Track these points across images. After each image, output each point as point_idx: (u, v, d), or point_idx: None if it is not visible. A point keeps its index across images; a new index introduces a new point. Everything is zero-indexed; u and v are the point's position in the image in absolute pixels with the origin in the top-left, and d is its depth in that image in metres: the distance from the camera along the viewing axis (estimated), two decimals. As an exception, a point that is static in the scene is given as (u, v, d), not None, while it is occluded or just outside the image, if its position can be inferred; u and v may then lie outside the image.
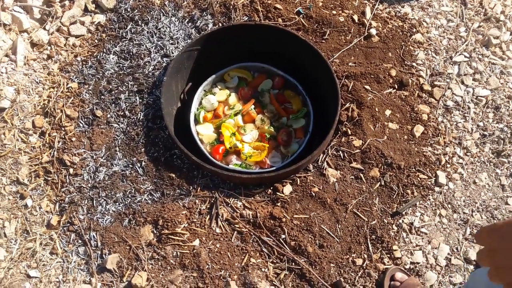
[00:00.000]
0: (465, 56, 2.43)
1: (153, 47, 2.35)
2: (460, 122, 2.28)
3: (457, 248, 2.04)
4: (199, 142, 2.26)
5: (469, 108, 2.32)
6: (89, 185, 2.08)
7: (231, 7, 2.42)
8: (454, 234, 2.07)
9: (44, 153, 2.13)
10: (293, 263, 1.95)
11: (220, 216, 2.03)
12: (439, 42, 2.46)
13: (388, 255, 2.00)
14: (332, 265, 1.96)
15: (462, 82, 2.37)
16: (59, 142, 2.15)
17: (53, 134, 2.16)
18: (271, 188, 2.11)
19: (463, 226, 2.08)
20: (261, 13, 2.43)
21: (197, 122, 2.34)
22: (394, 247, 1.99)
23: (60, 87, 2.24)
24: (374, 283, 1.96)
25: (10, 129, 2.16)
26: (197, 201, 2.06)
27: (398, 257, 1.99)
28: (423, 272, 1.98)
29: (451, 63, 2.41)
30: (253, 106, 2.38)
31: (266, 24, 2.38)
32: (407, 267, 1.99)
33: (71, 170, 2.10)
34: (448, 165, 2.19)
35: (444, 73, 2.38)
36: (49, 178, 2.10)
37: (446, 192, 2.14)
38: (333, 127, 2.10)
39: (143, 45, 2.36)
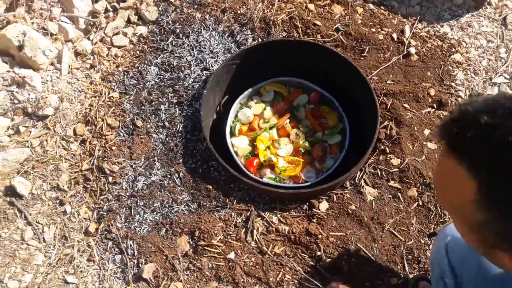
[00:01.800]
0: (505, 78, 2.41)
1: (193, 60, 2.39)
2: (499, 144, 2.25)
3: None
4: (234, 154, 2.27)
5: (508, 130, 2.29)
6: (128, 193, 2.11)
7: (271, 22, 2.45)
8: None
9: (84, 161, 2.17)
10: (327, 282, 1.93)
11: (255, 230, 2.03)
12: (479, 63, 2.45)
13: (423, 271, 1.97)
14: (367, 284, 1.94)
15: (502, 104, 2.34)
16: (99, 150, 2.19)
17: (94, 142, 2.20)
18: (307, 204, 2.10)
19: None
20: (300, 29, 2.45)
21: (232, 134, 2.35)
22: (432, 269, 1.96)
23: (102, 96, 2.29)
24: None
25: (53, 136, 2.21)
26: (233, 213, 2.07)
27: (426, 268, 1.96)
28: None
29: (491, 84, 2.40)
30: (288, 121, 2.38)
31: (305, 40, 2.39)
32: None
33: (110, 179, 2.13)
34: (487, 187, 2.15)
35: (484, 94, 2.36)
36: (88, 186, 2.13)
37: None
38: (371, 145, 2.10)
39: (183, 58, 2.39)
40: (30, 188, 2.10)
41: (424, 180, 2.11)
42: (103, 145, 2.20)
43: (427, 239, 2.04)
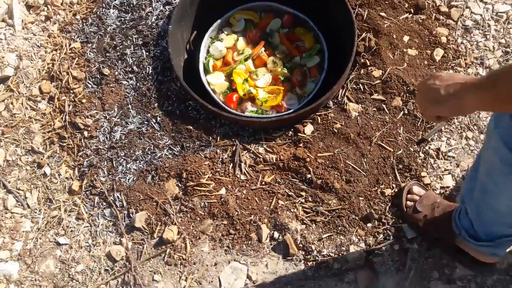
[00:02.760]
0: (480, -30, 2.30)
1: (153, -4, 2.24)
2: (480, 41, 2.18)
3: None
4: (211, 92, 2.18)
5: (489, 26, 2.21)
6: (106, 146, 2.04)
7: None
8: (483, 156, 2.01)
9: (56, 119, 2.07)
10: (322, 201, 1.91)
11: (243, 163, 1.98)
12: (452, -41, 2.32)
13: (417, 180, 1.96)
14: (361, 198, 1.93)
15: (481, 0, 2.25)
16: (69, 105, 2.09)
17: (62, 98, 2.10)
18: (292, 130, 2.05)
19: (492, 147, 2.02)
20: None
21: (206, 71, 2.25)
22: (423, 174, 1.94)
23: (63, 49, 2.16)
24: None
25: (18, 97, 2.10)
26: (218, 150, 2.01)
27: (427, 183, 1.94)
28: (453, 195, 1.94)
29: (466, -21, 2.28)
30: (263, 49, 2.27)
31: (268, -41, 2.24)
32: (437, 192, 1.94)
33: (85, 133, 2.05)
34: (472, 87, 2.10)
35: (459, -10, 2.25)
36: (64, 144, 2.05)
37: (472, 114, 2.07)
38: (351, 60, 2.02)
39: (142, -5, 2.25)
40: (3, 155, 2.02)
41: (408, 88, 2.05)
42: (73, 100, 2.09)
43: (416, 146, 2.01)
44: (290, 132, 2.04)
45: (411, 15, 2.21)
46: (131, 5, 2.23)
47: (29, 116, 2.08)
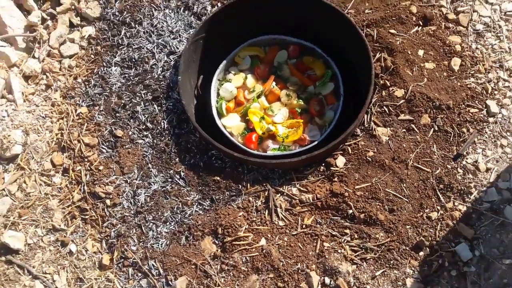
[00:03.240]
0: (481, -27, 2.25)
1: (155, 47, 2.15)
2: (495, 44, 2.13)
3: (530, 176, 1.91)
4: (229, 135, 2.09)
5: (500, 27, 2.16)
6: (132, 212, 1.92)
7: (225, -18, 2.21)
8: (522, 161, 1.94)
9: (74, 191, 1.95)
10: (368, 236, 1.82)
11: (279, 208, 1.88)
12: (451, -35, 2.28)
13: (462, 200, 1.88)
14: (408, 227, 1.84)
15: (486, 1, 2.20)
16: (86, 175, 1.97)
17: (78, 168, 1.98)
18: (323, 164, 1.96)
19: (529, 151, 1.95)
20: (258, -19, 2.22)
21: (220, 115, 2.16)
22: (471, 190, 1.86)
23: (70, 116, 2.05)
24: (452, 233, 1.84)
25: (30, 175, 1.98)
26: (250, 198, 1.91)
27: (474, 200, 1.86)
28: (501, 208, 1.86)
29: (469, -17, 2.24)
30: (274, 83, 2.20)
31: (268, -8, 2.17)
32: (484, 206, 1.86)
33: (108, 202, 1.93)
34: (496, 92, 2.04)
35: (465, -4, 2.21)
36: (86, 216, 1.93)
37: (501, 120, 2.00)
38: (371, 83, 1.94)
39: (143, 48, 2.16)
40: (24, 239, 1.89)
41: (434, 104, 1.98)
42: (89, 168, 1.98)
43: (453, 162, 1.93)
44: (322, 167, 1.95)
45: (420, 27, 2.15)
46: (133, 60, 2.14)
47: (45, 192, 1.96)
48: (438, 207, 1.87)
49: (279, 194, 1.91)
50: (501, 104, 2.01)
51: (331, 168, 1.93)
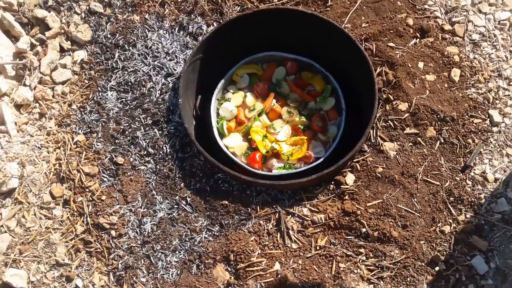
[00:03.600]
0: (473, -17, 2.28)
1: (151, 70, 2.09)
2: (492, 53, 2.14)
3: (537, 184, 1.92)
4: (232, 156, 2.04)
5: (495, 36, 2.18)
6: (139, 242, 1.85)
7: (219, 0, 2.17)
8: (528, 169, 1.95)
9: (77, 223, 1.87)
10: (384, 254, 1.79)
11: (291, 230, 1.84)
12: (443, -24, 2.29)
13: (473, 212, 1.87)
14: (422, 242, 1.82)
15: (480, 11, 2.22)
16: (88, 206, 1.89)
17: (79, 199, 1.89)
18: (332, 182, 1.92)
19: (534, 158, 1.96)
20: (253, -2, 2.19)
21: (222, 135, 2.11)
22: (481, 202, 1.86)
23: (67, 145, 1.96)
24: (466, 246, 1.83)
25: (28, 209, 1.88)
26: (261, 221, 1.86)
27: (485, 211, 1.86)
28: (512, 219, 1.87)
29: (462, -6, 2.26)
30: (274, 100, 2.16)
31: (264, 9, 2.14)
32: (495, 217, 1.85)
33: (113, 232, 1.86)
34: (497, 101, 2.05)
35: (458, 7, 2.22)
36: (91, 249, 1.85)
37: (505, 129, 2.01)
38: (375, 98, 1.93)
39: (139, 71, 2.09)
40: (26, 277, 1.80)
41: (438, 116, 1.98)
42: (90, 199, 1.90)
43: (461, 174, 1.92)
44: (331, 185, 1.92)
45: (418, 39, 2.15)
46: (130, 84, 2.07)
47: (46, 226, 1.87)
48: (450, 220, 1.86)
49: (290, 216, 1.87)
50: (503, 113, 2.02)
51: (341, 186, 1.90)
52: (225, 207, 1.87)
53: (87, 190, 1.91)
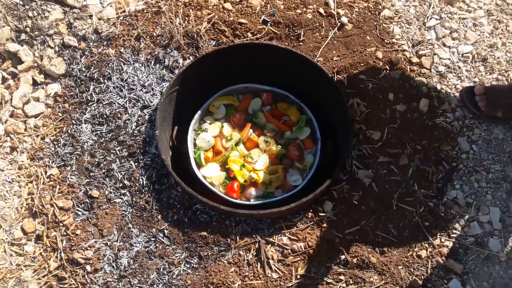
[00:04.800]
0: (436, 19, 2.40)
1: (127, 102, 2.08)
2: (457, 84, 2.24)
3: (506, 208, 1.99)
4: (210, 186, 2.04)
5: (459, 67, 2.29)
6: (115, 276, 1.79)
7: (195, 35, 2.21)
8: (497, 194, 2.01)
9: (50, 259, 1.80)
10: (363, 281, 1.80)
11: (271, 259, 1.83)
12: (407, 12, 2.42)
13: (447, 236, 1.91)
14: (400, 267, 1.84)
15: (444, 45, 2.34)
16: (62, 241, 1.83)
17: (52, 234, 1.83)
18: (311, 210, 1.94)
19: (502, 183, 2.03)
20: (227, 32, 2.24)
21: (199, 166, 2.11)
22: (455, 226, 1.91)
23: (40, 179, 1.91)
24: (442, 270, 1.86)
25: (-2, 245, 1.81)
26: (241, 252, 1.84)
27: (459, 235, 1.90)
28: (485, 241, 1.91)
29: (426, 29, 2.38)
30: (251, 130, 2.19)
31: (239, 44, 2.19)
32: (469, 240, 1.90)
33: (88, 268, 1.80)
34: (464, 129, 2.14)
35: (424, 41, 2.33)
36: (65, 286, 1.78)
37: (473, 156, 2.09)
38: (349, 128, 1.98)
39: (114, 103, 2.08)
40: (-4, 318, 1.71)
41: (410, 144, 2.04)
42: (65, 233, 1.84)
43: (434, 200, 1.97)
44: (310, 213, 1.93)
45: (388, 72, 2.23)
46: (105, 116, 2.05)
47: (17, 263, 1.79)
48: (426, 245, 1.89)
49: (270, 245, 1.86)
50: (471, 141, 2.11)
51: (319, 214, 1.91)
52: (204, 239, 1.85)
53: (61, 224, 1.85)
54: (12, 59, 2.14)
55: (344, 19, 2.32)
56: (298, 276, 1.80)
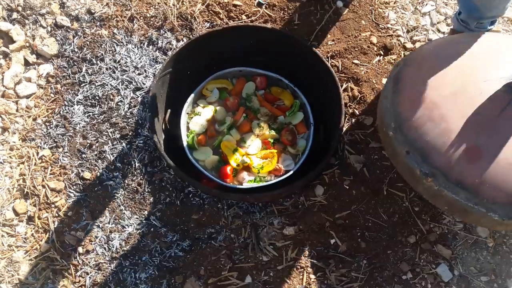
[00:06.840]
0: (431, 5, 2.39)
1: (120, 84, 2.07)
2: (450, 70, 2.24)
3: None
4: (203, 170, 2.04)
5: (453, 54, 2.29)
6: (107, 258, 1.81)
7: (189, 17, 2.19)
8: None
9: (41, 241, 1.81)
10: (352, 264, 1.82)
11: (262, 242, 1.85)
12: (403, -3, 2.40)
13: (436, 222, 1.94)
14: (389, 251, 1.87)
15: (439, 30, 2.33)
16: (54, 222, 1.83)
17: (44, 216, 1.84)
18: (302, 195, 1.95)
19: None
20: (222, 14, 2.22)
21: (192, 149, 2.11)
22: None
23: (31, 160, 1.91)
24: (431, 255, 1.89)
25: (-11, 226, 1.81)
26: (232, 235, 1.86)
27: (448, 220, 1.93)
28: (473, 227, 1.93)
29: (421, 15, 2.37)
30: (244, 114, 2.18)
31: (233, 26, 2.18)
32: (458, 226, 1.92)
33: (80, 249, 1.81)
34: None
35: (419, 26, 2.32)
36: (57, 267, 1.79)
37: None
38: (342, 113, 1.98)
39: (107, 85, 2.07)
40: (-13, 298, 1.72)
41: (402, 130, 2.04)
42: (56, 215, 1.85)
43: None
44: (302, 198, 1.94)
45: (382, 57, 2.23)
46: (97, 98, 2.04)
47: (8, 244, 1.80)
48: (416, 230, 1.91)
49: (261, 228, 1.88)
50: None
51: (311, 198, 1.93)
52: (196, 221, 1.86)
53: (52, 206, 1.85)
54: (4, 38, 2.12)
55: (339, 3, 2.30)
56: (289, 259, 1.82)
